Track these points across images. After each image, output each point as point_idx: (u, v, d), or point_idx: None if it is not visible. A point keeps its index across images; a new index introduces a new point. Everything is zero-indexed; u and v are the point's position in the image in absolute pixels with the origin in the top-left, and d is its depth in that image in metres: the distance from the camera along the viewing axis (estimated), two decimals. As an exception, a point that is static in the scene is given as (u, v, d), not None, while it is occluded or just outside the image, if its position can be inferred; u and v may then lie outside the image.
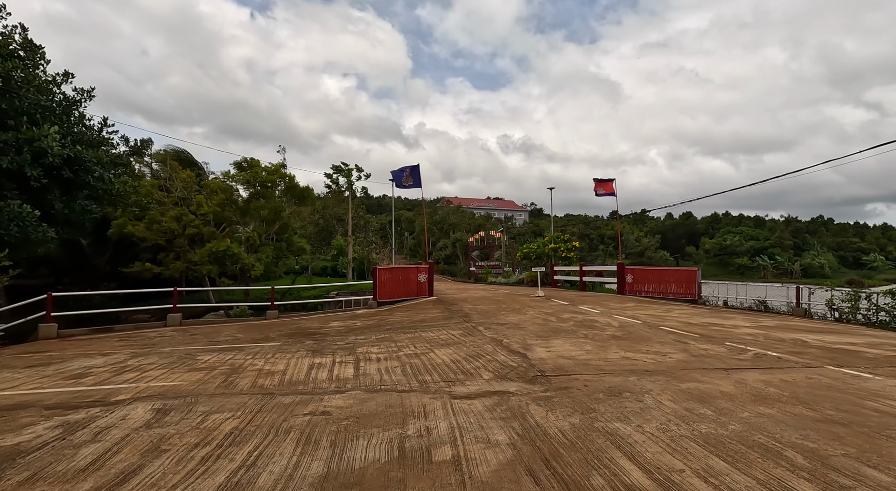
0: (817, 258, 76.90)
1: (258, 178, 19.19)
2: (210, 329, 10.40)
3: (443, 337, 8.25)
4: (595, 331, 8.46)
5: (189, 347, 8.11)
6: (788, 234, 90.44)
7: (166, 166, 21.28)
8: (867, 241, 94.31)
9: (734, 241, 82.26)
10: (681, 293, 13.96)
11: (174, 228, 18.95)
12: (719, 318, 10.38)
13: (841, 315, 10.76)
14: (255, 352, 7.42)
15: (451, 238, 48.70)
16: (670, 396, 4.50)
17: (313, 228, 38.07)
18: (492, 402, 4.45)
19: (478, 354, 6.64)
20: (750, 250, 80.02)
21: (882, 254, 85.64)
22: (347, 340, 8.40)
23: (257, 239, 19.42)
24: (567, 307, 12.19)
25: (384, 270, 13.15)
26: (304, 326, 10.48)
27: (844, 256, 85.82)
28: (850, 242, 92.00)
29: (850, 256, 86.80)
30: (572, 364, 5.93)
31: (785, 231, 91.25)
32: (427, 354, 6.86)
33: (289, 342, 8.34)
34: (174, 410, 4.34)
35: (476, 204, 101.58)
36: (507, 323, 9.62)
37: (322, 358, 6.77)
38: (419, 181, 14.68)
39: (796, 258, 78.18)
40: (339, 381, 5.42)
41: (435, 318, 10.74)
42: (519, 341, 7.56)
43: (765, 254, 78.31)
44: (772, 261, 75.63)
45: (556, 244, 21.11)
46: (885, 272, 75.55)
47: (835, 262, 79.40)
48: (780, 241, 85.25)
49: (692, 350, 6.69)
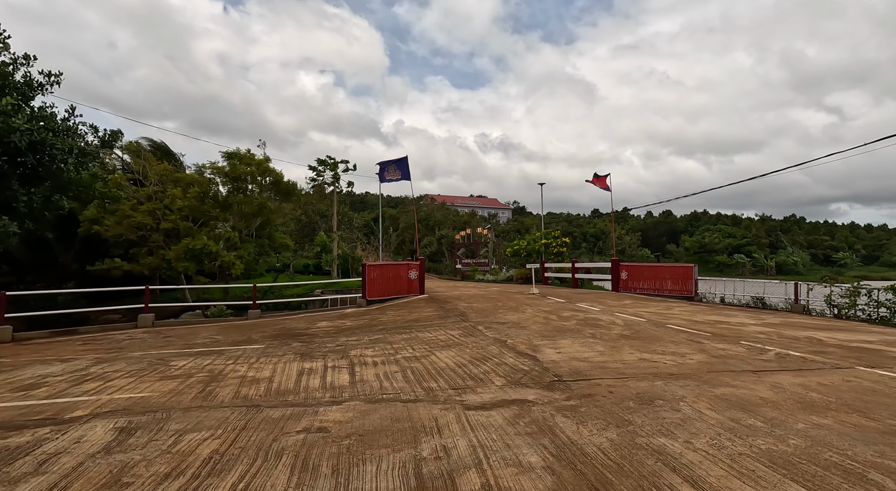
0: (791, 256, 79.07)
1: (237, 172, 18.27)
2: (186, 330, 9.62)
3: (441, 338, 7.71)
4: (601, 330, 8.04)
5: (162, 350, 7.37)
6: (763, 232, 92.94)
7: (140, 158, 20.13)
8: (837, 239, 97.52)
9: (713, 238, 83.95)
10: (676, 290, 13.73)
11: (147, 223, 17.93)
12: (722, 315, 10.11)
13: (840, 311, 10.63)
14: (237, 356, 6.74)
15: (437, 235, 48.18)
16: (708, 403, 4.06)
17: (295, 225, 37.04)
18: (511, 413, 3.93)
19: (484, 357, 6.12)
20: (728, 248, 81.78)
21: (850, 252, 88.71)
22: (338, 341, 7.78)
23: (237, 236, 18.51)
24: (565, 305, 11.79)
25: (374, 266, 12.53)
26: (290, 326, 9.79)
27: (816, 254, 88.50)
28: (821, 241, 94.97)
29: (821, 253, 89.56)
30: (588, 367, 5.46)
31: (760, 229, 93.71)
32: (428, 356, 6.30)
33: (274, 345, 7.68)
34: (141, 429, 3.69)
35: (460, 201, 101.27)
36: (508, 322, 9.13)
37: (312, 362, 6.15)
38: (408, 174, 14.07)
39: (772, 256, 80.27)
40: (334, 389, 4.83)
41: (430, 317, 10.19)
42: (524, 342, 7.07)
43: (742, 251, 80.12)
44: (749, 258, 77.36)
45: (548, 241, 20.77)
46: (854, 269, 78.23)
47: (808, 259, 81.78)
48: (757, 239, 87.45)
49: (710, 350, 6.31)
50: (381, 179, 14.22)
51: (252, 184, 19.08)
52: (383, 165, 14.17)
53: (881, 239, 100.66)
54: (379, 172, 14.16)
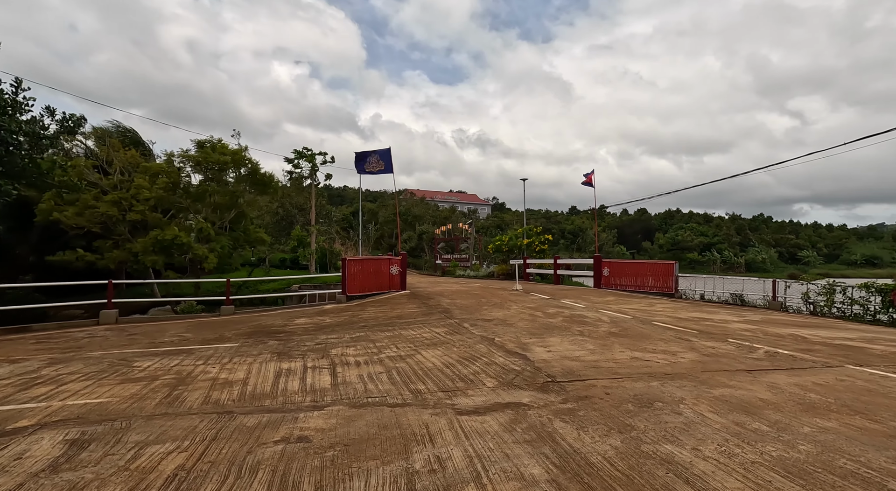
0: (760, 254, 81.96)
1: (210, 160, 17.45)
2: (153, 327, 9.05)
3: (426, 336, 7.43)
4: (589, 327, 7.91)
5: (125, 350, 6.85)
6: (734, 230, 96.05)
7: (105, 145, 19.03)
8: (801, 238, 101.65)
9: (686, 236, 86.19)
10: (657, 287, 13.82)
11: (113, 214, 16.95)
12: (704, 312, 10.16)
13: (815, 308, 10.84)
14: (208, 356, 6.30)
15: (417, 230, 47.76)
16: (708, 405, 3.92)
17: (271, 218, 36.02)
18: (507, 418, 3.69)
19: (472, 356, 5.88)
20: (700, 245, 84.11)
21: (813, 250, 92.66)
22: (318, 339, 7.41)
23: (210, 228, 17.71)
24: (549, 302, 11.67)
25: (354, 261, 12.12)
26: (266, 323, 9.34)
27: (782, 252, 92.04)
28: (786, 239, 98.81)
29: (787, 251, 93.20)
30: (581, 367, 5.28)
31: (731, 228, 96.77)
32: (413, 356, 6.02)
33: (248, 343, 7.25)
34: (96, 442, 3.29)
35: (440, 197, 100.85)
36: (493, 319, 8.92)
37: (290, 362, 5.78)
38: (391, 166, 13.65)
39: (742, 253, 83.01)
40: (314, 392, 4.49)
41: (413, 313, 9.89)
42: (513, 340, 6.86)
43: (713, 249, 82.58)
44: (720, 255, 79.76)
45: (530, 237, 20.70)
46: (816, 267, 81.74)
47: (775, 257, 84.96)
48: (727, 237, 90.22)
49: (700, 348, 6.23)
50: (359, 170, 13.72)
51: (226, 174, 18.26)
52: (363, 156, 13.68)
53: (841, 238, 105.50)
54: (356, 163, 13.67)
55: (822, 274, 69.34)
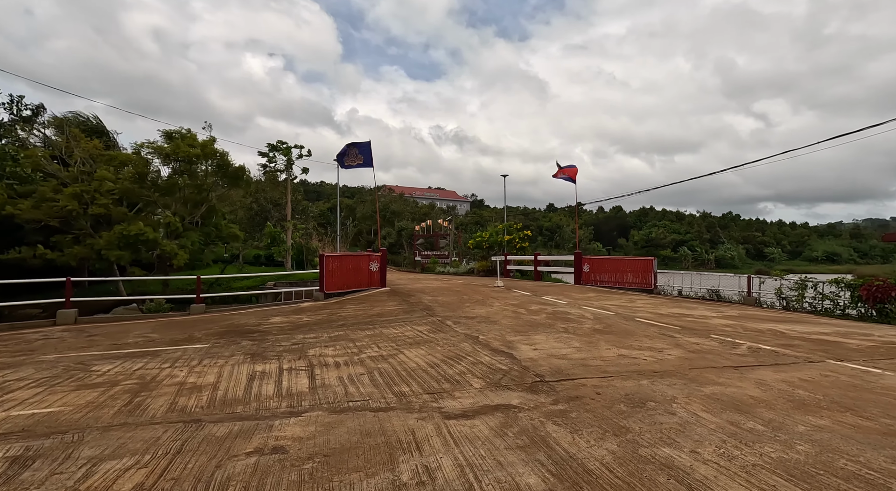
0: (729, 251, 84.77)
1: (180, 152, 16.68)
2: (116, 328, 8.52)
3: (409, 334, 7.19)
4: (573, 324, 7.83)
5: (83, 352, 6.38)
6: (704, 228, 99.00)
7: (65, 134, 17.97)
8: (767, 235, 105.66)
9: (659, 234, 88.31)
10: (637, 283, 13.95)
11: (73, 208, 16.02)
12: (683, 308, 10.26)
13: (789, 303, 11.11)
14: (176, 358, 5.91)
15: (396, 227, 47.30)
16: (701, 404, 3.83)
17: (245, 213, 35.02)
18: (497, 421, 3.51)
19: (457, 356, 5.68)
20: (672, 242, 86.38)
21: (778, 247, 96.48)
22: (294, 339, 7.08)
23: (179, 223, 16.96)
24: (532, 298, 11.60)
25: (333, 257, 11.75)
26: (239, 322, 8.92)
27: (749, 249, 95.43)
28: (753, 236, 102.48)
29: (754, 248, 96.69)
30: (569, 365, 5.15)
31: (701, 225, 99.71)
32: (395, 356, 5.78)
33: (220, 344, 6.86)
34: (42, 458, 2.94)
35: (418, 193, 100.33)
36: (476, 316, 8.76)
37: (265, 364, 5.46)
38: (370, 160, 13.30)
39: (712, 250, 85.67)
40: (291, 396, 4.21)
41: (393, 311, 9.63)
42: (497, 338, 6.71)
43: (685, 246, 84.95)
44: (692, 252, 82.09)
45: (511, 234, 20.66)
46: (781, 263, 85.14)
47: (743, 253, 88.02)
48: (699, 234, 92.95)
49: (685, 345, 6.21)
50: (340, 164, 13.34)
51: (197, 166, 17.49)
52: (344, 149, 13.29)
53: (803, 236, 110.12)
54: (339, 156, 13.28)
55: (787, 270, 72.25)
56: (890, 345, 6.45)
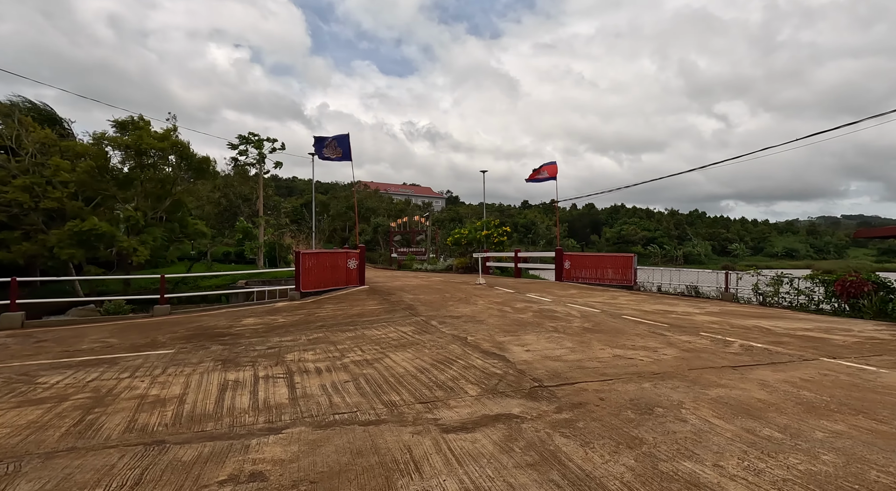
0: (696, 247, 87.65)
1: (143, 144, 15.66)
2: (69, 333, 7.79)
3: (393, 336, 6.83)
4: (561, 323, 7.64)
5: (29, 361, 5.73)
6: (673, 225, 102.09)
7: (13, 121, 16.62)
8: (731, 231, 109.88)
9: (630, 230, 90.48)
10: (617, 279, 13.99)
11: (23, 201, 14.84)
12: (666, 305, 10.27)
13: (765, 299, 11.30)
14: (136, 366, 5.36)
15: (371, 223, 46.52)
16: (710, 409, 3.65)
17: (213, 209, 33.64)
18: (500, 434, 3.22)
19: (447, 359, 5.36)
20: (643, 239, 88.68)
21: (741, 243, 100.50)
22: (270, 342, 6.60)
23: (141, 218, 15.96)
24: (515, 296, 11.40)
25: (309, 255, 11.20)
26: (208, 324, 8.32)
27: (715, 245, 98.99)
28: (719, 233, 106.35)
29: (719, 244, 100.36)
30: (565, 367, 4.92)
31: (670, 222, 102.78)
32: (381, 360, 5.42)
33: (187, 349, 6.32)
34: (-32, 498, 2.46)
35: (393, 189, 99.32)
36: (461, 316, 8.46)
37: (238, 372, 5.00)
38: (349, 153, 12.78)
39: (680, 246, 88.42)
40: (269, 409, 3.80)
41: (374, 311, 9.22)
42: (487, 338, 6.43)
43: (655, 242, 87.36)
44: (661, 249, 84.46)
45: (489, 230, 20.47)
46: (744, 259, 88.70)
47: (709, 250, 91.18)
48: (667, 231, 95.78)
49: (677, 343, 6.10)
50: (318, 155, 12.74)
51: (160, 159, 16.48)
52: (321, 140, 12.69)
53: (764, 233, 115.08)
54: (315, 146, 12.68)
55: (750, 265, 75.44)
56: (873, 341, 6.53)
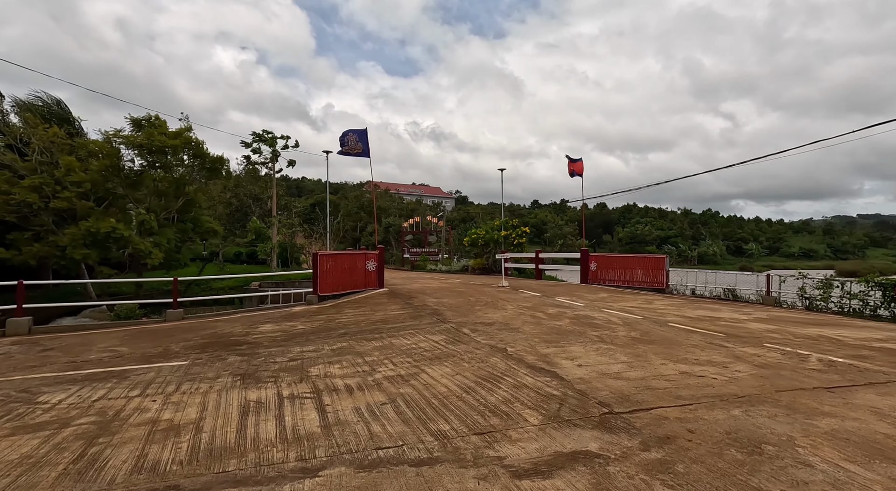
0: (711, 247, 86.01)
1: (155, 142, 15.28)
2: (77, 340, 7.34)
3: (424, 346, 6.25)
4: (605, 331, 7.01)
5: (31, 374, 5.24)
6: (687, 225, 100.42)
7: (22, 119, 16.35)
8: (745, 231, 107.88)
9: (644, 230, 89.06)
10: (648, 282, 13.29)
11: (32, 201, 14.52)
12: (707, 310, 9.58)
13: (812, 303, 10.56)
14: (148, 381, 4.85)
15: (383, 223, 46.14)
16: (833, 449, 3.01)
17: (224, 209, 33.44)
18: (586, 482, 2.62)
19: (491, 375, 4.77)
20: (657, 239, 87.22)
21: (755, 243, 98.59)
22: (291, 353, 6.06)
23: (153, 219, 15.58)
24: (544, 300, 10.77)
25: (327, 256, 10.68)
26: (223, 331, 7.82)
27: (729, 245, 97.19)
28: (733, 233, 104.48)
29: (734, 245, 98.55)
30: (631, 388, 4.30)
31: (684, 222, 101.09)
32: (417, 376, 4.84)
33: (202, 360, 5.80)
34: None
35: (403, 189, 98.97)
36: (493, 322, 7.86)
37: (260, 390, 4.46)
38: (367, 149, 12.24)
39: (694, 246, 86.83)
40: (300, 442, 3.24)
41: (399, 317, 8.66)
42: (529, 350, 5.82)
43: (669, 243, 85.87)
44: (676, 249, 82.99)
45: (508, 230, 19.84)
46: (761, 259, 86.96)
47: (724, 250, 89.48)
48: (681, 231, 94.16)
49: (744, 357, 5.44)
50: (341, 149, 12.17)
51: (173, 157, 16.10)
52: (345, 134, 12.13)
53: (779, 233, 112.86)
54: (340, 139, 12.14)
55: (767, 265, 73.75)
56: (963, 354, 5.81)
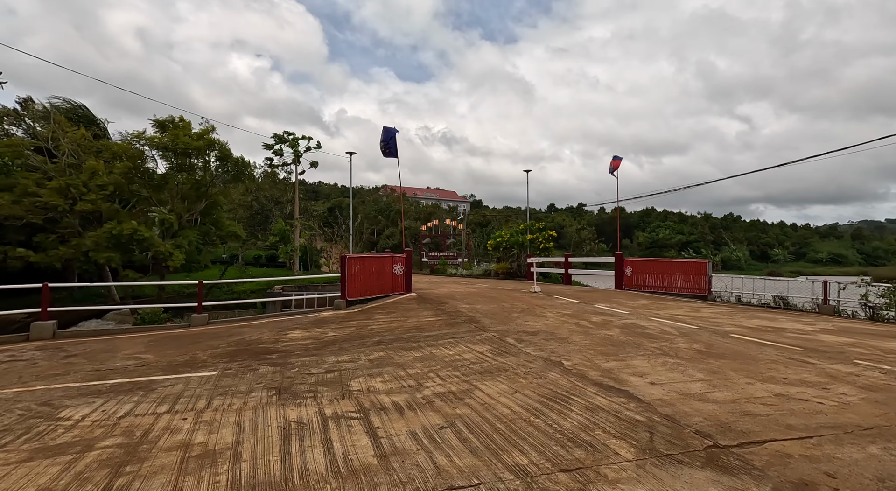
0: (734, 252, 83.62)
1: (180, 143, 15.16)
2: (101, 345, 7.01)
3: (468, 357, 5.73)
4: (663, 343, 6.39)
5: (54, 383, 4.88)
6: (708, 229, 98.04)
7: (50, 122, 16.43)
8: (769, 236, 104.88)
9: (665, 234, 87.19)
10: (687, 288, 12.55)
11: (58, 204, 14.50)
12: (764, 319, 8.85)
13: (875, 313, 9.73)
14: (176, 395, 4.43)
15: (400, 226, 45.92)
16: None
17: (245, 212, 33.53)
18: (728, 544, 2.05)
19: (556, 394, 4.23)
20: (678, 243, 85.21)
21: (781, 248, 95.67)
22: (325, 363, 5.60)
23: (176, 221, 15.44)
24: (584, 307, 10.15)
25: (355, 259, 10.27)
26: (251, 338, 7.43)
27: (753, 250, 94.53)
28: (757, 237, 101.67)
29: (758, 250, 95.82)
30: (725, 413, 3.71)
31: (705, 227, 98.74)
32: (471, 393, 4.32)
33: (231, 370, 5.38)
34: None
35: (420, 193, 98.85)
36: (536, 331, 7.30)
37: (299, 407, 3.99)
38: (395, 150, 11.83)
39: (716, 252, 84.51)
40: (355, 476, 2.74)
41: (433, 324, 8.16)
42: (586, 363, 5.26)
43: (691, 247, 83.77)
44: (698, 254, 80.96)
45: (534, 234, 19.23)
46: (787, 265, 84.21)
47: (748, 255, 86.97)
48: (703, 235, 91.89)
49: (840, 376, 4.79)
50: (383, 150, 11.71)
51: (197, 159, 15.97)
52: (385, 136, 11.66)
53: (805, 237, 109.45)
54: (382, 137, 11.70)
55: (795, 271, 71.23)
56: None
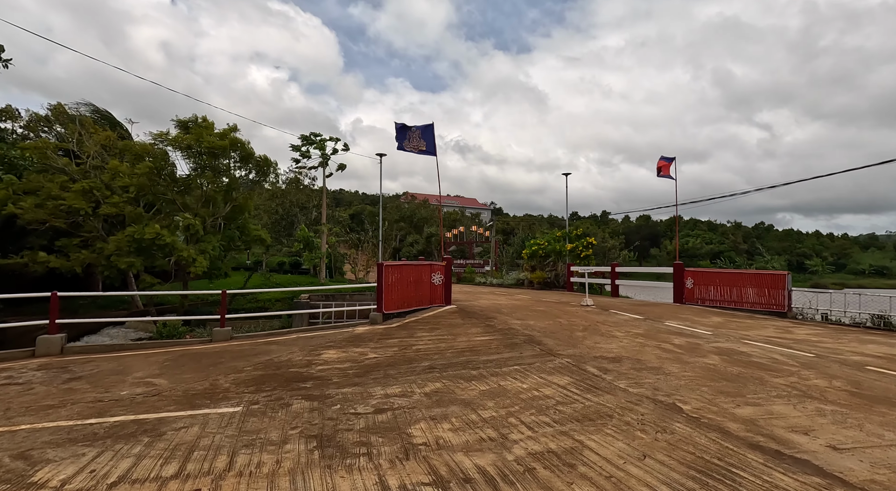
0: (770, 262, 79.80)
1: (204, 143, 14.52)
2: (111, 364, 6.10)
3: (548, 393, 4.56)
4: (789, 377, 5.09)
5: (43, 422, 3.91)
6: (740, 238, 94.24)
7: (75, 124, 16.05)
8: (805, 246, 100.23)
9: (695, 243, 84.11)
10: (762, 303, 11.06)
11: (81, 207, 13.96)
12: (882, 344, 7.39)
13: None
14: (190, 443, 3.40)
15: (424, 233, 45.09)
16: None
17: (269, 218, 33.12)
18: None
19: (708, 464, 3.02)
20: (709, 253, 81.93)
21: (820, 259, 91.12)
22: (371, 396, 4.50)
23: (200, 226, 14.75)
24: (653, 324, 8.84)
25: (393, 267, 9.23)
26: (279, 359, 6.41)
27: (790, 261, 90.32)
28: (793, 247, 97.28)
29: (794, 260, 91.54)
30: None
31: (738, 235, 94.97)
32: (578, 452, 3.15)
33: (258, 405, 4.34)
34: None
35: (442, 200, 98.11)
36: (616, 357, 6.07)
37: (351, 473, 2.89)
38: (433, 147, 10.82)
39: (750, 262, 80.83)
40: None
41: (488, 344, 7.00)
42: (712, 408, 4.02)
43: (722, 257, 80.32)
44: (731, 263, 77.58)
45: (573, 242, 17.94)
46: (826, 276, 79.94)
47: (784, 266, 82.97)
48: (735, 245, 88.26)
49: None
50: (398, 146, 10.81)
51: (222, 160, 15.32)
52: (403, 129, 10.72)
53: (844, 248, 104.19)
54: (397, 135, 10.78)
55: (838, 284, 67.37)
56: None
